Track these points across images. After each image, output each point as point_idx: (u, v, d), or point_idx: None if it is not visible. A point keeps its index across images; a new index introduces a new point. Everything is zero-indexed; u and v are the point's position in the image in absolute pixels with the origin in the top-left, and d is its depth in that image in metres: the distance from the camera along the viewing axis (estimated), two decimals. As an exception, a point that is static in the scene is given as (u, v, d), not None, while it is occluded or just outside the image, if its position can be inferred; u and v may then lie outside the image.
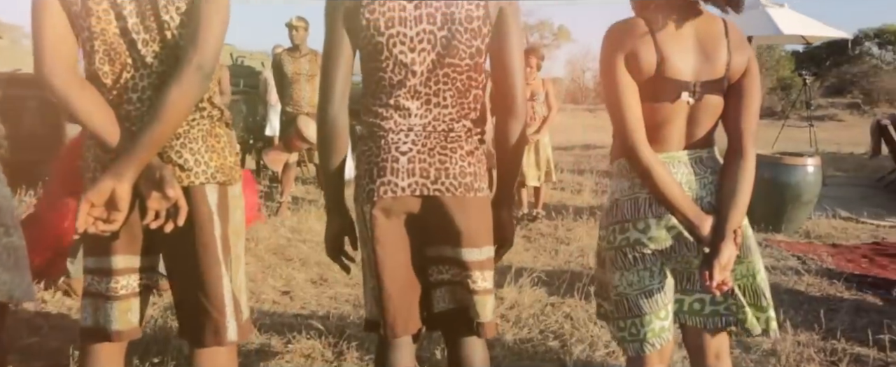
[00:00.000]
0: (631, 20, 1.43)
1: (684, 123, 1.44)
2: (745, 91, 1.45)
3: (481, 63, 1.43)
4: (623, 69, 1.40)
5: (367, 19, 1.36)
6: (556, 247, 4.25)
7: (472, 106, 1.44)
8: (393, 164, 1.38)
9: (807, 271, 3.57)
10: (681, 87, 1.40)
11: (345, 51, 1.39)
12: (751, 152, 1.42)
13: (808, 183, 4.47)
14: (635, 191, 1.44)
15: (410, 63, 1.38)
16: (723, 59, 1.41)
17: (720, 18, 1.44)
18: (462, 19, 1.36)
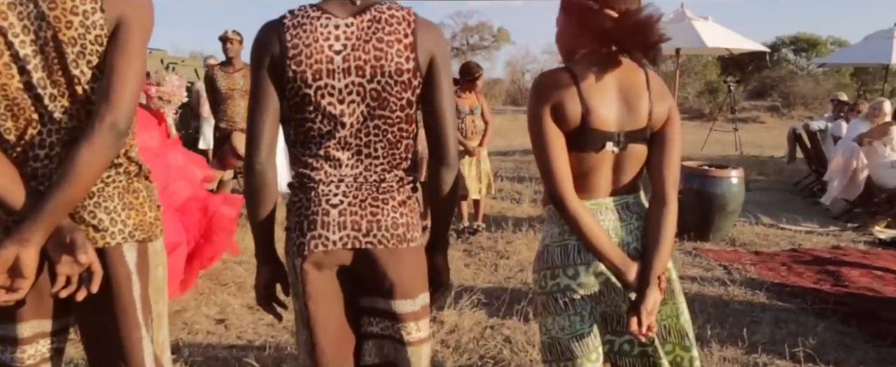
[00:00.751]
0: (556, 72, 1.46)
1: (610, 171, 1.48)
2: (666, 140, 1.50)
3: (413, 114, 1.43)
4: (549, 121, 1.42)
5: (293, 71, 1.32)
6: (497, 261, 4.29)
7: (403, 156, 1.43)
8: (324, 217, 1.36)
9: (732, 282, 3.74)
10: (606, 137, 1.43)
11: (271, 101, 1.36)
12: (672, 200, 1.47)
13: (732, 194, 4.69)
14: (565, 238, 1.47)
15: (339, 115, 1.35)
16: (645, 109, 1.46)
17: (642, 69, 1.49)
18: (392, 72, 1.35)
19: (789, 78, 23.49)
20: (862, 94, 22.04)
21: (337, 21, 1.35)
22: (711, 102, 21.38)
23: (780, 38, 25.73)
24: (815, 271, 4.01)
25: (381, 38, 1.34)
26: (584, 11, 1.45)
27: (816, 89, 22.02)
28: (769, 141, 15.11)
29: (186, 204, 3.39)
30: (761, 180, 7.95)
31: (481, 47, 45.28)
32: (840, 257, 4.33)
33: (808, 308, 3.33)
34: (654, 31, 1.38)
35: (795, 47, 25.26)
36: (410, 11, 1.40)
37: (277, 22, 1.36)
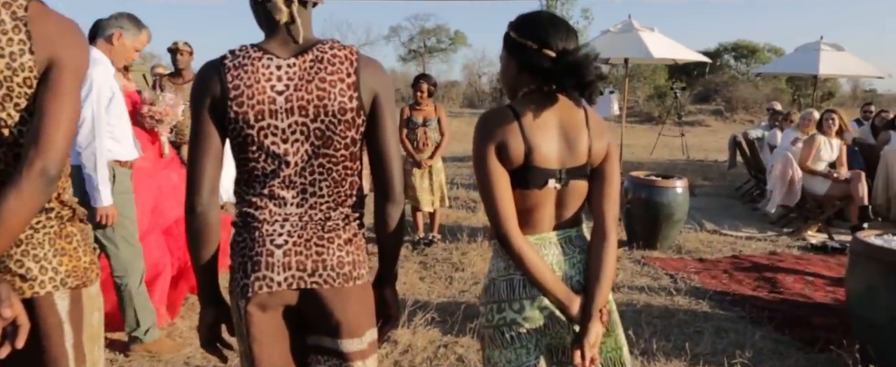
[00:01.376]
0: (500, 111, 1.49)
1: (553, 207, 1.52)
2: (606, 175, 1.55)
3: (357, 151, 1.43)
4: (494, 159, 1.45)
5: (235, 112, 1.32)
6: (452, 274, 4.32)
7: (348, 193, 1.43)
8: (268, 258, 1.35)
9: (677, 291, 3.89)
10: (548, 174, 1.47)
11: (213, 142, 1.35)
12: (613, 233, 1.53)
13: (678, 203, 4.86)
14: (510, 272, 1.51)
15: (284, 154, 1.35)
16: (585, 145, 1.51)
17: (581, 107, 1.54)
18: (335, 111, 1.35)
19: (731, 83, 24.47)
20: (796, 98, 23.22)
21: (279, 61, 1.35)
22: (660, 106, 22.04)
23: (722, 44, 26.77)
24: (754, 278, 4.21)
25: (324, 78, 1.35)
26: (523, 51, 1.49)
27: (756, 94, 23.02)
28: (713, 144, 15.69)
29: (174, 225, 3.33)
30: (706, 186, 8.26)
31: (438, 50, 45.34)
32: (776, 264, 4.55)
33: (747, 317, 3.49)
34: (590, 71, 1.42)
35: (736, 54, 26.34)
36: (353, 50, 1.41)
37: (218, 63, 1.35)
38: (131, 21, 2.73)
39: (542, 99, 1.49)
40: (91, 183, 2.55)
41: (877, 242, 2.84)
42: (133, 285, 2.78)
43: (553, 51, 1.46)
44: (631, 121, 21.87)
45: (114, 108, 2.66)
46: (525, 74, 1.51)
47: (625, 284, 4.05)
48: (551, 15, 1.56)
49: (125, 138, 2.77)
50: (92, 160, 2.54)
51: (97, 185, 2.55)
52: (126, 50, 2.73)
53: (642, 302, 3.71)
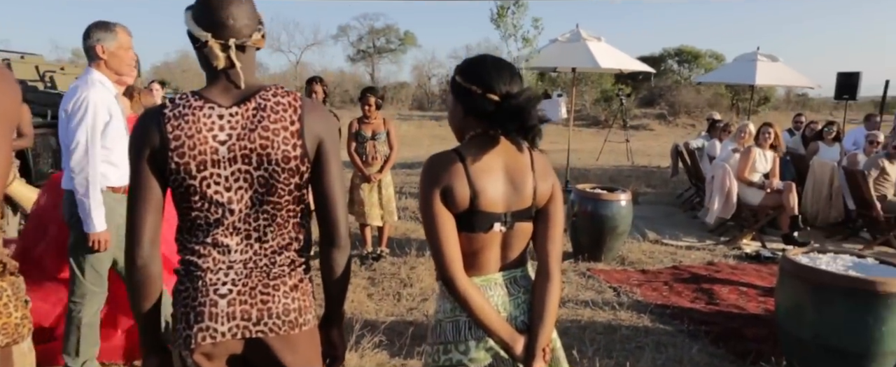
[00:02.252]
0: (446, 155, 1.50)
1: (498, 249, 1.54)
2: (550, 216, 1.58)
3: (302, 196, 1.42)
4: (440, 204, 1.46)
5: (176, 163, 1.29)
6: (400, 290, 4.31)
7: (294, 237, 1.42)
8: (211, 308, 1.33)
9: (620, 305, 3.99)
10: (493, 218, 1.49)
11: (153, 194, 1.32)
12: (556, 274, 1.55)
13: (622, 216, 4.99)
14: (457, 314, 1.52)
15: (227, 202, 1.33)
16: (529, 188, 1.53)
17: (526, 150, 1.56)
18: (279, 160, 1.33)
19: (674, 88, 25.34)
20: (735, 102, 24.25)
21: (221, 110, 1.33)
22: (606, 110, 22.63)
23: (666, 49, 27.75)
24: (693, 290, 4.36)
25: (267, 127, 1.33)
26: (468, 95, 1.50)
27: (697, 99, 23.92)
28: (657, 149, 16.20)
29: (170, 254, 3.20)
30: (649, 193, 8.52)
31: (388, 50, 45.13)
32: (713, 274, 4.74)
33: (686, 330, 3.61)
34: (532, 116, 1.44)
35: (679, 59, 27.30)
36: (296, 97, 1.39)
37: (157, 112, 1.32)
38: (99, 28, 2.61)
39: (488, 142, 1.51)
40: (83, 208, 2.48)
41: (804, 260, 2.99)
42: (86, 314, 2.66)
43: (497, 95, 1.47)
44: (578, 124, 22.34)
45: (110, 131, 2.57)
46: (471, 117, 1.52)
47: (570, 298, 4.13)
48: (495, 59, 1.57)
49: (122, 163, 2.64)
50: (84, 185, 2.47)
51: (89, 210, 2.48)
52: (116, 57, 2.61)
53: (587, 317, 3.79)
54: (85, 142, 2.46)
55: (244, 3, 1.35)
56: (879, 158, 5.88)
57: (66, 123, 2.49)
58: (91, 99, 2.47)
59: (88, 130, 2.46)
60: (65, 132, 2.50)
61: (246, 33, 1.34)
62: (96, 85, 2.54)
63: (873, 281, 2.66)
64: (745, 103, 22.22)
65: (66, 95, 2.52)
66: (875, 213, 5.70)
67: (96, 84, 2.54)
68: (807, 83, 9.82)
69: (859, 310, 2.67)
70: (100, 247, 2.55)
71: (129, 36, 2.66)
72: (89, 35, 2.58)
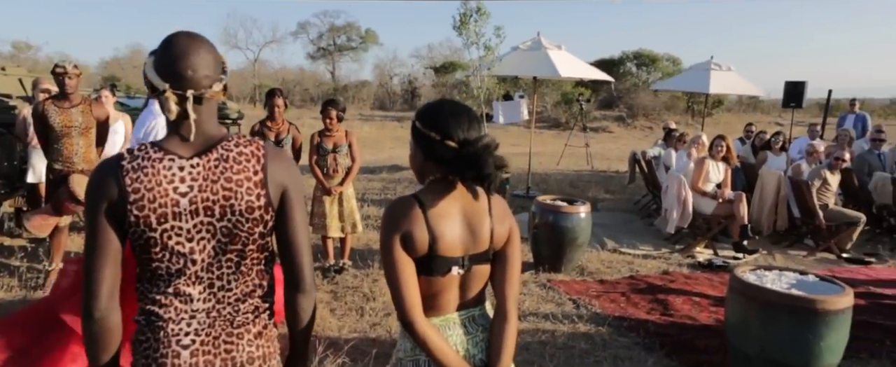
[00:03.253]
0: (406, 201, 1.53)
1: (457, 290, 1.58)
2: (507, 258, 1.63)
3: (266, 244, 1.42)
4: (399, 249, 1.49)
5: (135, 216, 1.27)
6: (363, 305, 4.31)
7: (258, 284, 1.42)
8: (173, 359, 1.32)
9: (579, 318, 4.09)
10: (452, 262, 1.53)
11: (111, 247, 1.30)
12: (513, 315, 1.60)
13: (581, 228, 5.11)
14: (416, 353, 1.55)
15: (189, 252, 1.32)
16: (486, 231, 1.57)
17: (484, 194, 1.60)
18: (242, 210, 1.33)
19: (633, 91, 25.91)
20: (690, 105, 24.95)
21: (181, 162, 1.31)
22: (567, 112, 22.97)
23: (625, 52, 28.27)
24: (649, 301, 4.50)
25: (230, 178, 1.33)
26: (428, 141, 1.53)
27: (655, 102, 24.53)
28: (616, 152, 16.55)
29: None
30: (607, 200, 8.72)
31: (349, 48, 44.74)
32: (668, 284, 4.90)
33: (642, 342, 3.73)
34: (488, 163, 1.48)
35: (638, 62, 27.90)
36: (259, 146, 1.39)
37: (115, 164, 1.30)
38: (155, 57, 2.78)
39: (447, 187, 1.54)
40: None
41: (750, 278, 3.13)
42: None
43: (454, 142, 1.51)
44: (539, 126, 22.62)
45: None
46: (430, 162, 1.55)
47: (532, 311, 4.21)
48: (454, 105, 1.60)
49: None
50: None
51: None
52: None
53: (547, 331, 3.87)
54: None
55: (205, 54, 1.33)
56: (822, 169, 6.17)
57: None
58: (159, 127, 2.58)
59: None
60: None
61: (205, 84, 1.33)
62: (161, 114, 2.58)
63: (813, 299, 2.81)
64: (700, 106, 22.90)
65: (138, 123, 2.64)
66: (818, 221, 5.99)
67: (161, 113, 2.59)
68: (757, 92, 10.21)
69: (801, 327, 2.82)
70: None
71: None
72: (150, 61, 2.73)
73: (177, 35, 1.35)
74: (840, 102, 30.48)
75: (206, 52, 1.34)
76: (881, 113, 33.98)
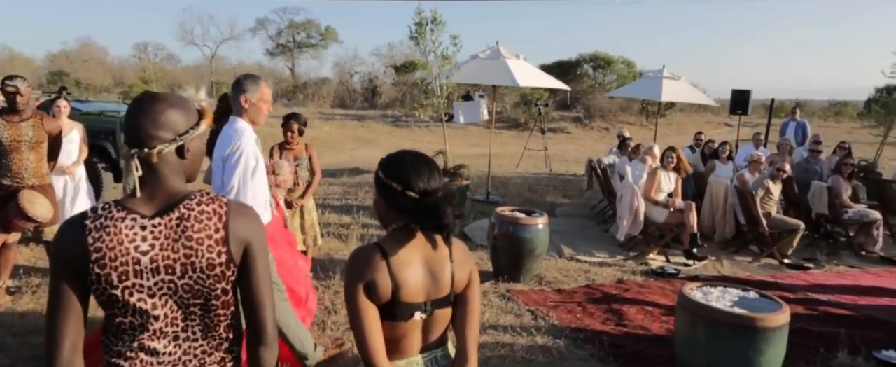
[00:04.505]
0: (369, 251, 1.59)
1: (420, 334, 1.65)
2: (468, 301, 1.71)
3: (230, 299, 1.45)
4: (363, 296, 1.55)
5: (97, 274, 1.30)
6: (324, 319, 4.33)
7: (224, 336, 1.45)
8: None
9: (538, 330, 4.22)
10: (414, 308, 1.60)
11: (73, 305, 1.32)
12: (473, 355, 1.69)
13: (539, 239, 5.25)
14: None
15: (151, 309, 1.34)
16: (447, 277, 1.65)
17: (444, 240, 1.67)
18: (204, 267, 1.36)
19: (590, 92, 26.44)
20: (645, 106, 25.61)
21: (143, 221, 1.34)
22: (526, 113, 23.28)
23: (581, 54, 28.81)
24: (604, 311, 4.67)
25: (191, 237, 1.35)
26: (390, 191, 1.60)
27: (611, 104, 25.10)
28: (574, 153, 16.90)
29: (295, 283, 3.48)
30: (565, 205, 8.93)
31: (308, 45, 44.18)
32: (622, 293, 5.08)
33: (597, 354, 3.88)
34: (447, 215, 1.56)
35: (594, 64, 28.47)
36: (222, 203, 1.41)
37: (78, 223, 1.32)
38: (247, 79, 2.95)
39: (409, 236, 1.61)
40: None
41: (697, 295, 3.30)
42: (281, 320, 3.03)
43: (415, 192, 1.58)
44: (499, 126, 22.86)
45: (257, 174, 2.86)
46: (393, 211, 1.62)
47: (492, 323, 4.32)
48: (415, 156, 1.66)
49: (266, 203, 2.97)
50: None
51: None
52: (256, 108, 2.93)
53: (506, 344, 3.98)
54: (238, 185, 2.77)
55: (163, 114, 1.36)
56: (765, 179, 6.49)
57: (222, 167, 2.80)
58: (244, 147, 2.78)
59: (240, 174, 2.78)
60: (219, 176, 2.81)
61: (165, 138, 1.36)
62: (246, 134, 2.83)
63: (754, 318, 3.00)
64: (654, 107, 23.54)
65: (222, 141, 2.82)
66: (761, 229, 6.30)
67: (246, 133, 2.84)
68: (706, 101, 10.60)
69: (743, 343, 3.00)
70: None
71: (269, 89, 3.02)
72: (238, 85, 2.93)
73: (140, 95, 1.41)
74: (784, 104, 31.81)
75: (165, 112, 1.37)
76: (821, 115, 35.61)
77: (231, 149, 2.75)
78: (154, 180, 1.38)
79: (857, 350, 3.95)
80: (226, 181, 2.76)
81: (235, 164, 2.75)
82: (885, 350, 3.95)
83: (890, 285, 5.65)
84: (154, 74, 30.10)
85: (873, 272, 6.12)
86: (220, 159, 2.78)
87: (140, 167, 1.36)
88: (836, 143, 8.58)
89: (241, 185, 2.76)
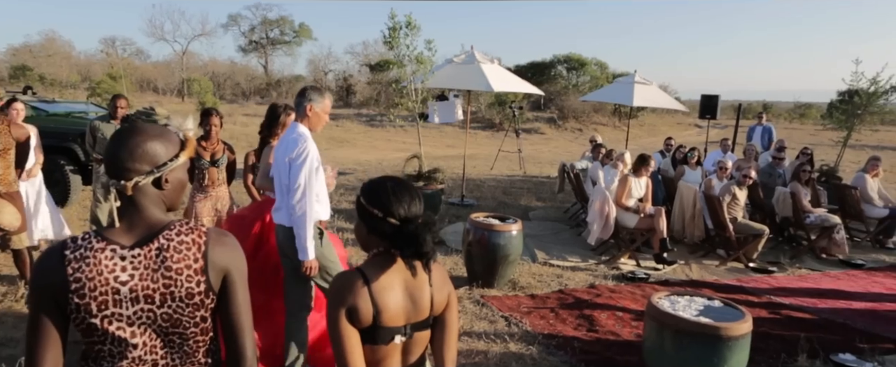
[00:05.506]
0: (351, 276, 1.63)
1: (400, 356, 1.70)
2: (447, 323, 1.76)
3: (208, 326, 1.48)
4: (345, 322, 1.59)
5: (76, 303, 1.32)
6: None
7: (202, 362, 1.47)
8: None
9: (511, 337, 4.29)
10: (395, 331, 1.65)
11: (53, 334, 1.34)
12: None
13: (513, 245, 5.33)
14: None
15: (130, 337, 1.37)
16: (427, 300, 1.70)
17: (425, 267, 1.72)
18: (183, 296, 1.39)
19: (564, 93, 26.72)
20: (617, 107, 25.98)
21: (123, 252, 1.36)
22: (500, 114, 23.42)
23: (556, 56, 29.09)
24: (576, 316, 4.77)
25: (170, 267, 1.37)
26: (371, 217, 1.64)
27: (584, 105, 25.38)
28: (548, 155, 17.08)
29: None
30: (538, 208, 9.04)
31: (282, 42, 43.72)
32: (594, 299, 5.19)
33: (569, 361, 3.97)
34: (426, 242, 1.60)
35: (568, 65, 28.77)
36: (201, 233, 1.43)
37: (58, 253, 1.34)
38: (314, 90, 3.17)
39: (389, 261, 1.65)
40: (300, 240, 2.97)
41: (664, 304, 3.41)
42: (304, 328, 3.27)
43: (395, 219, 1.62)
44: (474, 126, 22.98)
45: (319, 175, 3.09)
46: (374, 236, 1.66)
47: (466, 330, 4.38)
48: (396, 183, 1.70)
49: (325, 201, 3.21)
50: (303, 220, 2.96)
51: (305, 243, 2.97)
52: (317, 116, 3.15)
53: (480, 351, 4.05)
54: (304, 184, 2.96)
55: (140, 146, 1.38)
56: (731, 185, 6.68)
57: (288, 168, 2.99)
58: (310, 150, 3.00)
59: (306, 175, 2.97)
60: (286, 176, 3.00)
61: (142, 170, 1.38)
62: (309, 138, 3.06)
63: (718, 327, 3.11)
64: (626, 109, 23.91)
65: (288, 144, 3.04)
66: (728, 233, 6.49)
67: (309, 137, 3.06)
68: (676, 106, 10.82)
69: (708, 351, 3.12)
70: (310, 272, 3.05)
71: (331, 101, 3.25)
72: (304, 94, 3.14)
73: (122, 127, 1.44)
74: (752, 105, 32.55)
75: (143, 144, 1.39)
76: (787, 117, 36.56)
77: (298, 151, 2.97)
78: (133, 211, 1.40)
79: (816, 354, 4.12)
80: (292, 180, 2.97)
81: (302, 164, 2.95)
82: (841, 354, 4.12)
83: (847, 288, 5.88)
84: (122, 69, 29.41)
85: (832, 275, 6.36)
86: (287, 161, 2.99)
87: (118, 198, 1.39)
88: (801, 146, 8.86)
89: (307, 184, 2.96)
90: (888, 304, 5.45)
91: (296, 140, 3.01)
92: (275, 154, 3.17)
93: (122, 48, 40.08)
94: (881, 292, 5.82)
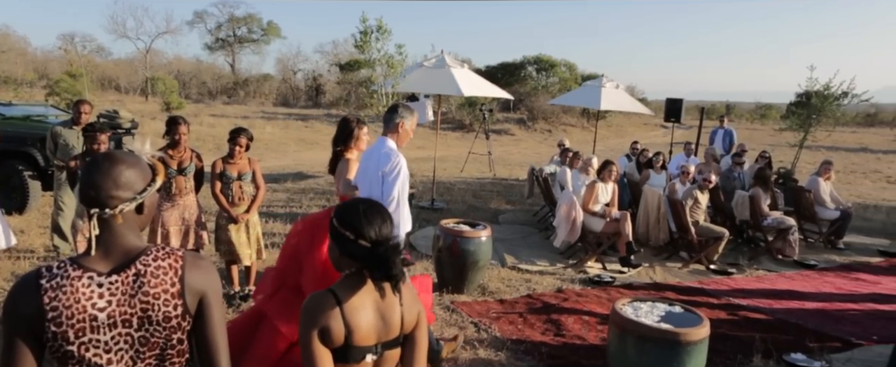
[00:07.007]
0: (323, 297, 1.67)
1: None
2: (416, 341, 1.82)
3: (185, 348, 1.51)
4: (317, 342, 1.63)
5: (53, 332, 1.33)
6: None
7: None
8: None
9: (480, 343, 4.37)
10: (366, 351, 1.69)
11: (28, 360, 1.34)
12: None
13: (482, 251, 5.41)
14: None
15: (106, 363, 1.38)
16: (398, 319, 1.75)
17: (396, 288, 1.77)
18: (159, 320, 1.41)
19: (534, 94, 27.00)
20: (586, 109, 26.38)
21: (100, 279, 1.37)
22: (471, 115, 23.55)
23: (526, 57, 29.38)
24: (544, 321, 4.87)
25: (147, 292, 1.40)
26: (342, 239, 1.69)
27: (554, 106, 25.69)
28: (517, 156, 17.25)
29: None
30: (508, 211, 9.16)
31: (250, 40, 43.10)
32: (561, 303, 5.31)
33: (537, 366, 4.07)
34: (396, 265, 1.65)
35: (538, 66, 29.09)
36: (178, 257, 1.46)
37: (34, 282, 1.35)
38: (406, 109, 3.34)
39: (361, 281, 1.70)
40: None
41: (627, 311, 3.53)
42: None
43: (366, 241, 1.67)
44: (444, 127, 23.04)
45: (406, 188, 3.25)
46: (346, 257, 1.71)
47: (436, 336, 4.44)
48: (369, 205, 1.75)
49: (407, 211, 3.37)
50: (397, 231, 3.06)
51: None
52: (406, 133, 3.34)
53: (449, 358, 4.11)
54: (398, 197, 3.11)
55: (117, 174, 1.40)
56: (694, 189, 6.89)
57: (381, 181, 3.14)
58: (402, 164, 3.14)
59: (400, 187, 3.11)
60: (378, 188, 3.15)
61: (125, 198, 1.41)
62: (400, 153, 3.19)
63: (678, 332, 3.24)
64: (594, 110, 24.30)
65: (380, 158, 3.20)
66: (690, 236, 6.69)
67: (398, 152, 3.19)
68: (642, 110, 11.07)
69: (668, 356, 3.24)
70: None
71: (417, 119, 3.43)
72: (397, 111, 3.33)
73: (94, 157, 1.45)
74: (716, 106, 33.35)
75: (124, 172, 1.41)
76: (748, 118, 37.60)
77: (391, 165, 3.12)
78: (109, 238, 1.42)
79: (770, 355, 4.31)
80: (386, 192, 3.12)
81: (396, 178, 3.10)
82: (793, 354, 4.32)
83: (801, 289, 6.13)
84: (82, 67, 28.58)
85: (787, 276, 6.62)
86: (380, 174, 3.14)
87: (97, 226, 1.40)
88: (761, 148, 9.17)
89: (400, 196, 3.10)
90: (837, 303, 5.71)
91: (388, 155, 3.16)
92: (363, 166, 3.29)
93: (82, 45, 38.92)
94: (831, 291, 6.09)
